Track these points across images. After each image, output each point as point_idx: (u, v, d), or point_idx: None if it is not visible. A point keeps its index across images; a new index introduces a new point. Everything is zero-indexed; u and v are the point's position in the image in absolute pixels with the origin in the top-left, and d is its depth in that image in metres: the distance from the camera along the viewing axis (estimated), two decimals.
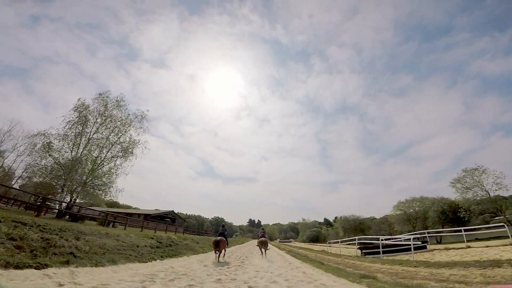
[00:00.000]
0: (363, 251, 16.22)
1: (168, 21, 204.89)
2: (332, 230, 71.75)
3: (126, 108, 22.04)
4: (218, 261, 10.16)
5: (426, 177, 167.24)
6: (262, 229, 17.03)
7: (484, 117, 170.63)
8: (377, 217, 55.55)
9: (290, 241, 77.67)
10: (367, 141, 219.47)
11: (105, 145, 19.95)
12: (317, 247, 39.07)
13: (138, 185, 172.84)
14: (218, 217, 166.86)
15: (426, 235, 15.47)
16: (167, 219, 69.82)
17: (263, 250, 13.67)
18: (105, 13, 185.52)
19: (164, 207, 68.88)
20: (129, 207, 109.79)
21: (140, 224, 26.87)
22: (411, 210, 35.62)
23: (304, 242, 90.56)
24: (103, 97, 21.21)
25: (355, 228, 49.31)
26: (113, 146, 20.13)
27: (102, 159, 19.63)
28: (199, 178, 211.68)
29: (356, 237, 17.12)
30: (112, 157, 20.09)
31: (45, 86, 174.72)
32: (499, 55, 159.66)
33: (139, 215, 71.15)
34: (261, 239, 13.90)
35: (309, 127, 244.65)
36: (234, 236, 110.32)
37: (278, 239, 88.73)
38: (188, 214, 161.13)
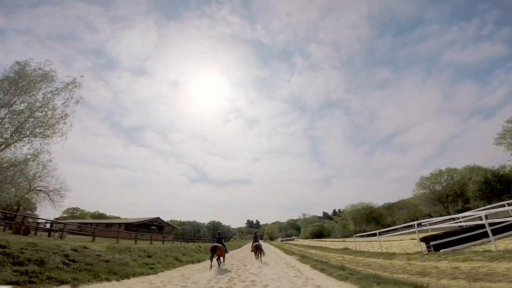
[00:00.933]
0: (431, 243, 10.11)
1: (145, 27, 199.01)
2: (338, 223, 66.08)
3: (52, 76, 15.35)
4: (211, 266, 10.83)
5: (416, 165, 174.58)
6: (254, 233, 16.46)
7: (462, 103, 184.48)
8: (387, 203, 50.20)
9: (293, 239, 71.63)
10: (354, 134, 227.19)
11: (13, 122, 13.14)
12: (328, 243, 32.98)
13: (131, 197, 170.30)
14: (214, 221, 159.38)
15: (508, 207, 9.56)
16: (153, 227, 62.73)
17: (258, 254, 13.42)
18: (76, 23, 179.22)
19: (158, 216, 61.36)
20: (117, 218, 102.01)
21: (115, 234, 23.54)
22: (440, 188, 29.79)
23: (308, 238, 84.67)
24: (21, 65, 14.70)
25: (366, 217, 43.53)
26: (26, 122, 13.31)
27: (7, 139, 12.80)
28: (193, 185, 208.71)
29: (415, 222, 10.80)
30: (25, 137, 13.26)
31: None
32: (468, 45, 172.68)
33: (119, 224, 63.64)
34: (255, 243, 13.61)
35: (297, 125, 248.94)
36: (231, 239, 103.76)
37: (279, 239, 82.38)
38: (182, 221, 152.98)
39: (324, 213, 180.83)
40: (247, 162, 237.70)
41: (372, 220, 43.14)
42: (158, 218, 63.43)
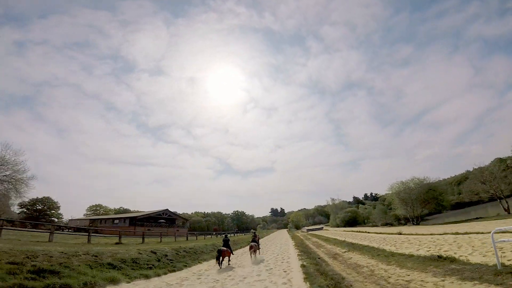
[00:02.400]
0: None
1: (155, 28, 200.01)
2: (377, 207, 54.62)
3: None
4: (220, 268, 11.75)
5: (449, 141, 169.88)
6: (254, 233, 21.02)
7: (497, 77, 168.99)
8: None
9: (321, 228, 61.55)
10: (379, 114, 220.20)
11: None
12: (376, 235, 22.35)
13: (163, 193, 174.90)
14: (238, 211, 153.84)
15: None
16: (161, 221, 56.65)
17: (252, 255, 14.24)
18: (88, 30, 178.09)
19: (167, 208, 54.25)
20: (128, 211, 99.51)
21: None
22: None
23: (339, 226, 74.06)
24: None
25: (424, 198, 31.99)
26: None
27: None
28: (219, 177, 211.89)
29: None
30: None
31: (53, 111, 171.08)
32: (493, 18, 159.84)
33: (124, 219, 58.48)
34: (251, 244, 14.82)
35: (318, 109, 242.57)
36: (251, 231, 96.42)
37: (305, 228, 72.58)
38: (207, 212, 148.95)
39: (354, 197, 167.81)
40: (269, 150, 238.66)
41: (432, 200, 31.62)
42: (167, 210, 57.08)
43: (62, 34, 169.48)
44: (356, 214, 67.86)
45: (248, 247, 15.61)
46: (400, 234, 20.69)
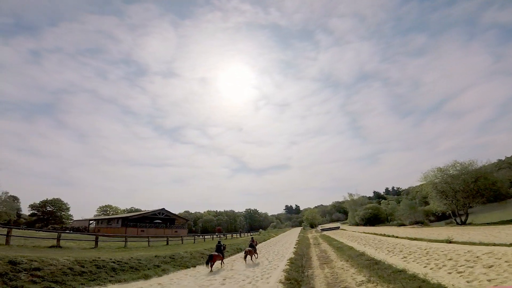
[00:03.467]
0: None
1: (163, 31, 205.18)
2: (402, 202, 46.17)
3: None
4: (211, 271, 12.16)
5: (473, 131, 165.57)
6: (252, 238, 19.73)
7: None
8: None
9: (338, 228, 53.84)
10: (397, 105, 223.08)
11: None
12: (420, 242, 14.46)
13: (182, 192, 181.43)
14: (250, 209, 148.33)
15: None
16: (157, 221, 51.73)
17: (248, 257, 14.78)
18: (98, 36, 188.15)
19: (163, 207, 48.99)
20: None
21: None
22: None
23: (358, 225, 65.78)
24: None
25: (472, 188, 23.63)
26: None
27: None
28: (235, 175, 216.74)
29: None
30: None
31: (73, 117, 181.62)
32: (508, 5, 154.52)
33: (118, 220, 54.36)
34: (247, 248, 15.33)
35: (332, 102, 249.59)
36: (258, 232, 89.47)
37: (320, 226, 64.93)
38: (219, 211, 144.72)
39: (375, 192, 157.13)
40: (283, 147, 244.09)
41: (486, 190, 23.30)
42: (163, 209, 52.15)
43: (73, 41, 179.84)
44: (378, 210, 59.33)
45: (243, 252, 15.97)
46: (450, 242, 13.33)
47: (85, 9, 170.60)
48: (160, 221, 50.77)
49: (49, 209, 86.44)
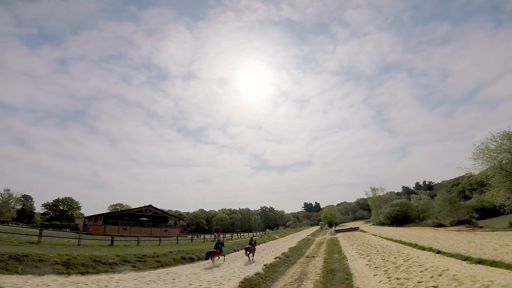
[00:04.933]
0: None
1: (179, 34, 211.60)
2: (439, 196, 35.54)
3: None
4: (213, 262, 14.60)
5: (510, 120, 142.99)
6: (251, 237, 21.76)
7: None
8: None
9: (357, 229, 44.13)
10: (425, 95, 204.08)
11: None
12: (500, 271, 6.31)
13: (207, 191, 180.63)
14: (265, 207, 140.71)
15: None
16: (143, 219, 45.89)
17: (246, 256, 16.52)
18: (118, 42, 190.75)
19: (150, 204, 42.98)
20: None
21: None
22: None
23: (383, 224, 55.48)
24: None
25: None
26: None
27: None
28: (256, 173, 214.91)
29: None
30: None
31: (103, 123, 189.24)
32: None
33: (100, 216, 49.41)
34: (247, 246, 16.91)
35: (355, 95, 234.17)
36: (274, 229, 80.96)
37: (334, 227, 54.90)
38: (233, 209, 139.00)
39: (404, 187, 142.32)
40: (305, 143, 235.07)
41: None
42: (150, 206, 46.31)
43: (96, 48, 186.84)
44: (407, 207, 48.65)
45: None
46: None
47: (102, 16, 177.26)
48: (146, 219, 45.05)
49: (61, 208, 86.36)
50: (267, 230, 69.13)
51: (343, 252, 17.41)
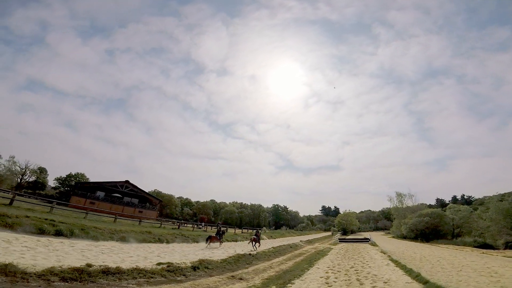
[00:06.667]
0: None
1: (216, 30, 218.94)
2: (496, 206, 24.82)
3: None
4: (207, 247, 16.32)
5: None
6: (257, 230, 24.37)
7: None
8: None
9: (367, 241, 34.15)
10: (474, 105, 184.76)
11: None
12: None
13: (231, 185, 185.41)
14: (278, 205, 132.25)
15: None
16: (115, 194, 40.53)
17: (251, 244, 18.27)
18: (161, 36, 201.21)
19: (127, 180, 37.52)
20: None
21: None
22: None
23: (405, 238, 44.70)
24: None
25: None
26: None
27: None
28: (280, 173, 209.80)
29: None
30: None
31: (142, 112, 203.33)
32: None
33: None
34: (253, 237, 19.22)
35: (394, 100, 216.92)
36: (281, 228, 72.06)
37: (338, 236, 44.84)
38: (244, 203, 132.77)
39: (438, 200, 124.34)
40: (335, 147, 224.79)
41: None
42: (127, 182, 40.68)
43: (141, 41, 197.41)
44: (439, 219, 37.48)
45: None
46: None
47: (146, 11, 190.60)
48: (119, 195, 39.76)
49: (72, 183, 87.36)
50: (264, 228, 61.15)
51: (297, 280, 9.28)
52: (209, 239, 17.10)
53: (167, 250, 13.36)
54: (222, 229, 20.47)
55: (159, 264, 9.24)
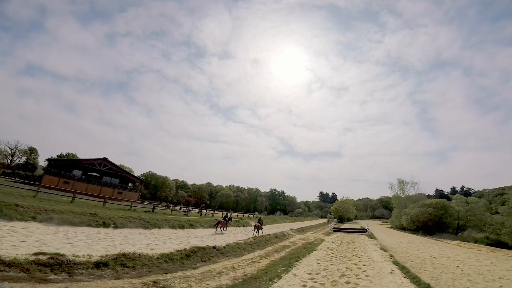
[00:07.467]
0: None
1: (218, 13, 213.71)
2: None
3: None
4: (216, 233, 16.83)
5: None
6: (260, 217, 23.50)
7: None
8: None
9: (364, 231, 31.05)
10: (480, 98, 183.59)
11: None
12: None
13: (231, 168, 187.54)
14: (275, 189, 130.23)
15: None
16: (92, 173, 37.38)
17: (255, 231, 18.52)
18: (162, 19, 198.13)
19: (105, 157, 33.76)
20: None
21: None
22: None
23: (405, 229, 42.01)
24: None
25: None
26: None
27: None
28: (280, 157, 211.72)
29: None
30: None
31: (142, 95, 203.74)
32: None
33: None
34: (256, 224, 19.39)
35: (399, 89, 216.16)
36: (275, 213, 70.07)
37: (333, 225, 41.92)
38: (241, 187, 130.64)
39: (437, 190, 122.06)
40: (336, 133, 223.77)
41: None
42: (105, 160, 37.15)
43: (141, 25, 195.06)
44: (443, 210, 34.36)
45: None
46: None
47: None
48: (96, 174, 36.78)
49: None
50: (256, 213, 58.63)
51: None
52: (218, 224, 17.87)
53: (99, 236, 9.87)
54: (228, 216, 21.59)
55: (36, 254, 5.88)
